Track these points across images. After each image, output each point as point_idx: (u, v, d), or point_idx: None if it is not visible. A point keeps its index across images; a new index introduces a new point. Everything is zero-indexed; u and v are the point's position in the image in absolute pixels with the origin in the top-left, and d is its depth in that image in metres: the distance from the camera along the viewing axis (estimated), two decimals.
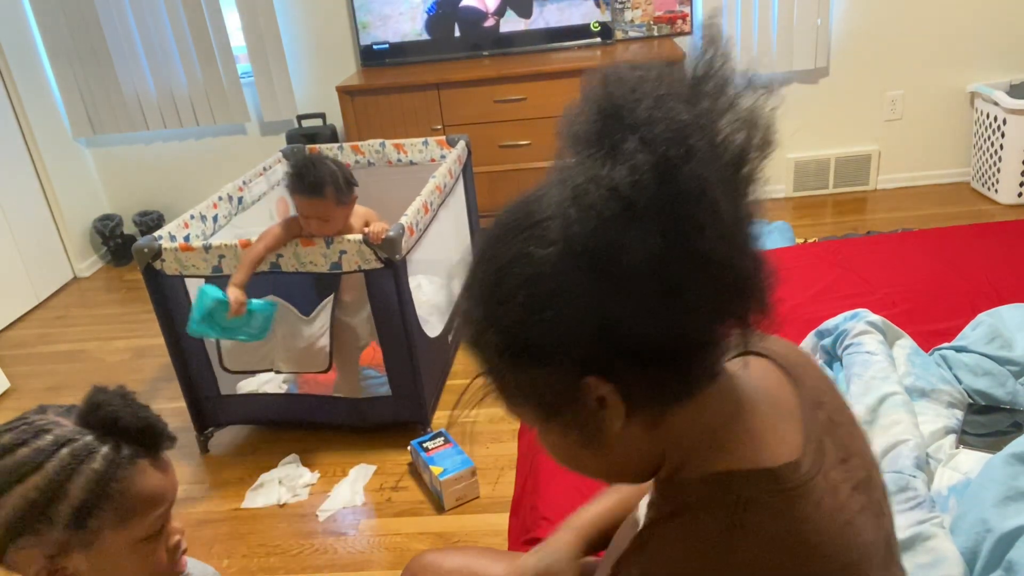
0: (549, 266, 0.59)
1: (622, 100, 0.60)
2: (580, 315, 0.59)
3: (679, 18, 3.62)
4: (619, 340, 0.60)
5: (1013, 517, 1.06)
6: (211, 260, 2.13)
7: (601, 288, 0.58)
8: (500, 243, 0.64)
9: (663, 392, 0.63)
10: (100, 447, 0.84)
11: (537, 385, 0.63)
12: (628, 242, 0.56)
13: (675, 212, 0.56)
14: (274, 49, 3.71)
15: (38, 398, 2.81)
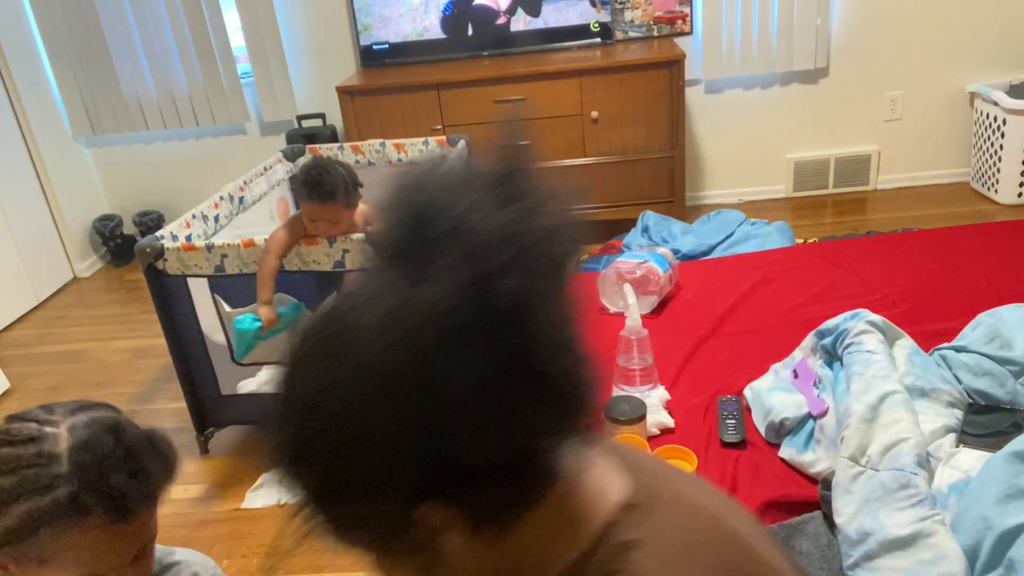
0: (364, 398, 0.53)
1: (433, 205, 0.55)
2: (403, 445, 0.53)
3: (679, 18, 3.62)
4: (450, 466, 0.54)
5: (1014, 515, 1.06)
6: (213, 259, 2.13)
7: (425, 417, 0.52)
8: (306, 370, 0.58)
9: (502, 508, 0.59)
10: (61, 485, 0.80)
11: (366, 518, 0.58)
12: (451, 369, 0.52)
13: (499, 332, 0.52)
14: (274, 49, 3.71)
15: (38, 398, 2.81)
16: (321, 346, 0.57)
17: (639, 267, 2.17)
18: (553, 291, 0.55)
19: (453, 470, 0.54)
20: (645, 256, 2.23)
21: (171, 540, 0.97)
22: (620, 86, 3.30)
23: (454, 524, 0.57)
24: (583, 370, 0.57)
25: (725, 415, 1.62)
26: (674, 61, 3.25)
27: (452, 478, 0.55)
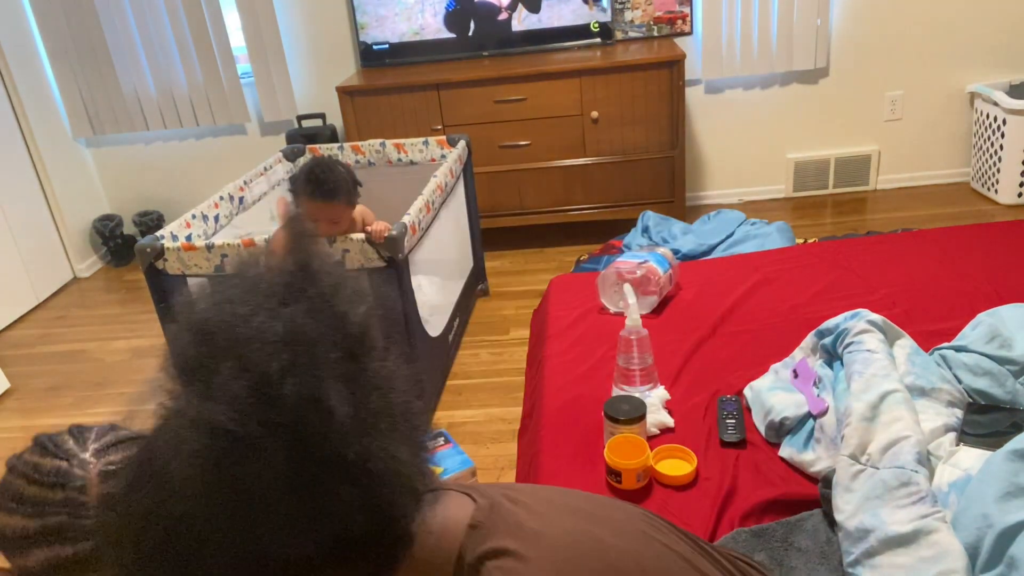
0: (185, 513, 0.54)
1: (216, 320, 0.57)
2: (235, 553, 0.54)
3: (679, 18, 3.62)
4: (291, 562, 0.55)
5: (1014, 512, 1.06)
6: (213, 259, 2.13)
7: (242, 523, 0.53)
8: (130, 503, 0.57)
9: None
10: (83, 539, 0.81)
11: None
12: (248, 474, 0.53)
13: (289, 430, 0.53)
14: (274, 49, 3.71)
15: (38, 398, 2.81)
16: (141, 473, 0.57)
17: (639, 267, 2.17)
18: (347, 376, 0.57)
19: (295, 566, 0.55)
20: (645, 256, 2.23)
21: None
22: (620, 86, 3.30)
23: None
24: (398, 437, 0.59)
25: (725, 415, 1.62)
26: (674, 61, 3.25)
27: (294, 571, 0.55)
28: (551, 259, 3.52)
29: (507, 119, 3.39)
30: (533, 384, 2.01)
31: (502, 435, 2.33)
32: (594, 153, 3.43)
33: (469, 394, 2.56)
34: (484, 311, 3.11)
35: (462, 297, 2.88)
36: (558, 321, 2.18)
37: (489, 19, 3.62)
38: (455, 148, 2.88)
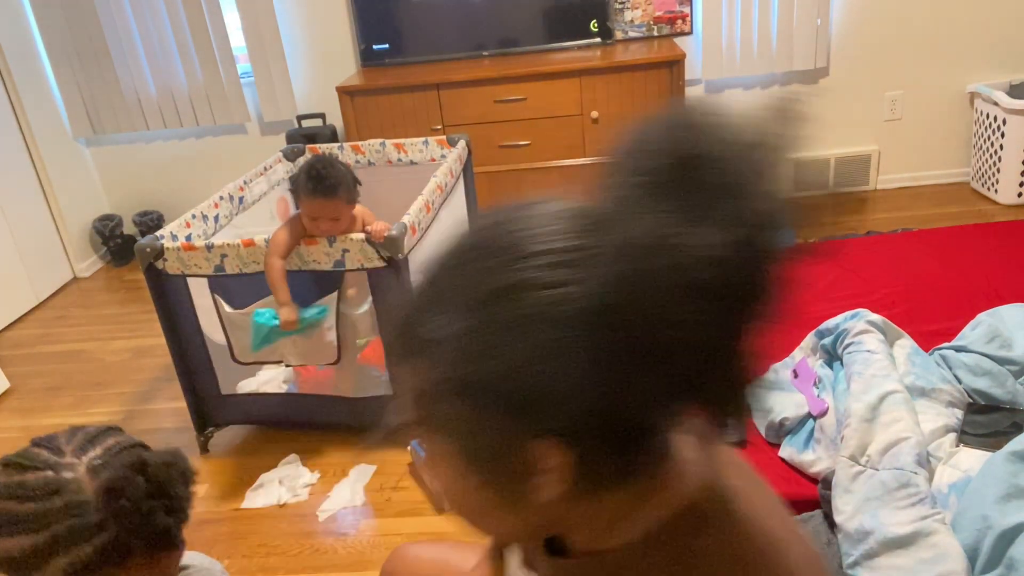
0: (567, 314, 0.51)
1: (707, 154, 0.52)
2: (576, 378, 0.51)
3: (679, 18, 3.62)
4: (607, 415, 0.53)
5: (1013, 514, 1.06)
6: (213, 259, 2.13)
7: (621, 359, 0.51)
8: (508, 259, 0.54)
9: (619, 473, 0.58)
10: (97, 534, 0.80)
11: (474, 427, 0.56)
12: (679, 322, 0.50)
13: (741, 304, 0.51)
14: (274, 49, 3.71)
15: (38, 398, 2.81)
16: (544, 237, 0.53)
17: None
18: (780, 279, 0.54)
19: (607, 421, 0.53)
20: None
21: None
22: (620, 86, 3.30)
23: (560, 475, 0.55)
24: (754, 368, 0.55)
25: None
26: (674, 61, 3.25)
27: (598, 428, 0.53)
28: None
29: (507, 119, 3.39)
30: None
31: None
32: (594, 153, 3.43)
33: None
34: None
35: None
36: None
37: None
38: (455, 148, 2.88)
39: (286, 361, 2.30)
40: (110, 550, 0.80)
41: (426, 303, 0.57)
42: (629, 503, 0.61)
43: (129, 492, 0.81)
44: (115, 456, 0.86)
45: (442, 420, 0.57)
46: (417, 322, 0.57)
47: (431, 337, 0.55)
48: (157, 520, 0.82)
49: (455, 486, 0.61)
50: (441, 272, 0.58)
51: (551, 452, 0.54)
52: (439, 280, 0.58)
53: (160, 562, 0.85)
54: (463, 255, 0.57)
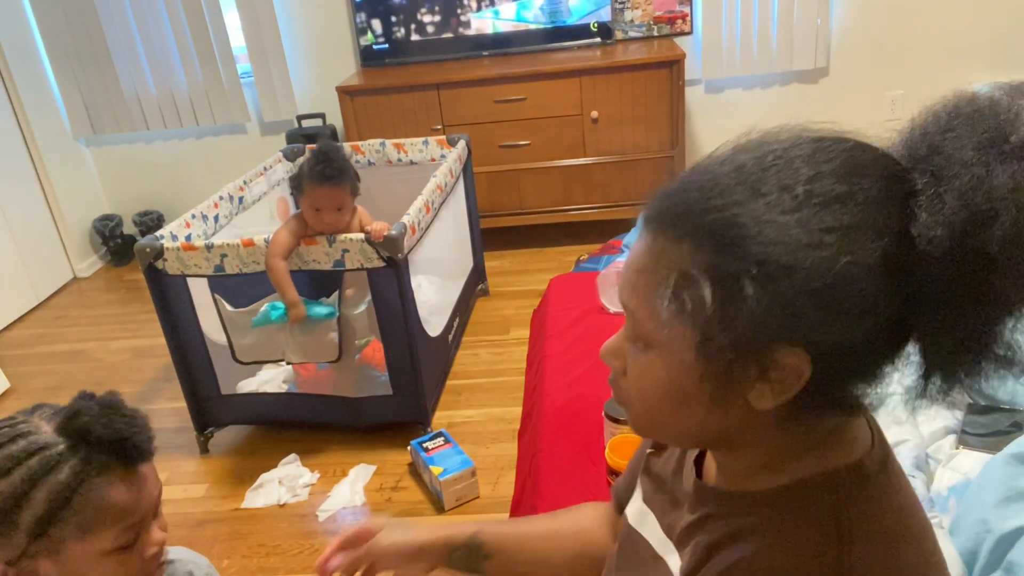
0: (889, 247, 0.55)
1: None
2: (868, 303, 0.55)
3: (679, 18, 3.62)
4: (864, 347, 0.57)
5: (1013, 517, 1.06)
6: (213, 259, 2.13)
7: (919, 303, 0.55)
8: (848, 170, 0.59)
9: (833, 406, 0.61)
10: (70, 457, 0.84)
11: (734, 317, 0.57)
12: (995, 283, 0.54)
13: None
14: (274, 49, 3.71)
15: (38, 398, 2.80)
16: (915, 162, 0.61)
17: None
18: None
19: (863, 349, 0.57)
20: None
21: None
22: (620, 86, 3.30)
23: (790, 384, 0.58)
24: None
25: None
26: (674, 61, 3.25)
27: (852, 354, 0.57)
28: (551, 259, 3.52)
29: (507, 119, 3.39)
30: (533, 384, 2.01)
31: (502, 435, 2.33)
32: (594, 153, 3.43)
33: (469, 394, 2.56)
34: (484, 311, 3.11)
35: (462, 297, 2.88)
36: (558, 321, 2.17)
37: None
38: (455, 148, 2.88)
39: (287, 359, 2.30)
40: (87, 468, 0.84)
41: (729, 186, 0.59)
42: (815, 440, 0.64)
43: (85, 410, 0.86)
44: (63, 405, 0.91)
45: (697, 303, 0.58)
46: (714, 203, 0.59)
47: (738, 219, 0.57)
48: (119, 428, 0.86)
49: (662, 372, 0.63)
50: (754, 164, 0.61)
51: (796, 362, 0.57)
52: (749, 169, 0.60)
53: (140, 479, 0.88)
54: (788, 151, 0.61)
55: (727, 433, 0.65)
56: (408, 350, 2.22)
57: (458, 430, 2.37)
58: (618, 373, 0.69)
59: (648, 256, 0.62)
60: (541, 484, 1.58)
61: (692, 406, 0.63)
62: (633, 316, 0.64)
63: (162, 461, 2.39)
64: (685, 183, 0.62)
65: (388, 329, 2.20)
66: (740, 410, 0.62)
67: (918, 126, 0.64)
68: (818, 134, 0.63)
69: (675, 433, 0.68)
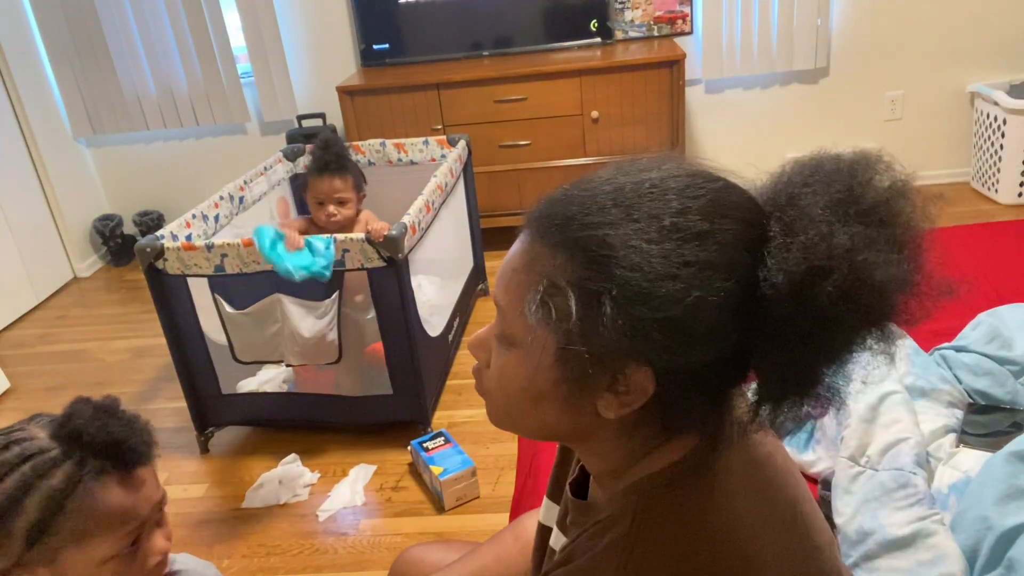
0: (738, 281, 0.59)
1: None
2: (717, 332, 0.59)
3: (679, 18, 3.62)
4: (710, 371, 0.61)
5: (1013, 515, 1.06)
6: (213, 259, 2.13)
7: (769, 331, 0.59)
8: (713, 209, 0.62)
9: (678, 422, 0.65)
10: (63, 462, 0.82)
11: (592, 332, 0.60)
12: (837, 315, 0.58)
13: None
14: (274, 49, 3.71)
15: (38, 398, 2.81)
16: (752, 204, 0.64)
17: None
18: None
19: (708, 372, 0.61)
20: None
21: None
22: (620, 86, 3.30)
23: (638, 399, 0.62)
24: None
25: None
26: (674, 61, 3.25)
27: (698, 377, 0.61)
28: None
29: (507, 119, 3.39)
30: None
31: (502, 435, 2.33)
32: (594, 153, 3.43)
33: (469, 394, 2.56)
34: (484, 311, 3.11)
35: (462, 297, 2.88)
36: None
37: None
38: (455, 148, 2.88)
39: (286, 361, 2.30)
40: (79, 471, 0.82)
41: (607, 205, 0.62)
42: (652, 447, 0.68)
43: (78, 414, 0.85)
44: (56, 414, 0.89)
45: (562, 312, 0.62)
46: (590, 219, 0.62)
47: (608, 240, 0.60)
48: (114, 431, 0.85)
49: (522, 371, 0.67)
50: (632, 188, 0.63)
51: (644, 381, 0.61)
52: (627, 193, 0.63)
53: (137, 482, 0.86)
54: (664, 182, 0.63)
55: (576, 432, 0.69)
56: (409, 350, 2.22)
57: (458, 430, 2.37)
58: (482, 365, 0.73)
59: (524, 258, 0.65)
60: (541, 484, 1.58)
61: (546, 405, 0.67)
62: (502, 313, 0.68)
63: (162, 461, 2.39)
64: (568, 195, 0.65)
65: (389, 329, 2.20)
66: (589, 414, 0.66)
67: (785, 174, 0.66)
68: (695, 168, 0.66)
69: (529, 427, 0.72)
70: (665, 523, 0.65)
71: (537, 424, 0.70)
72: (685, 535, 0.64)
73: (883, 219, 0.61)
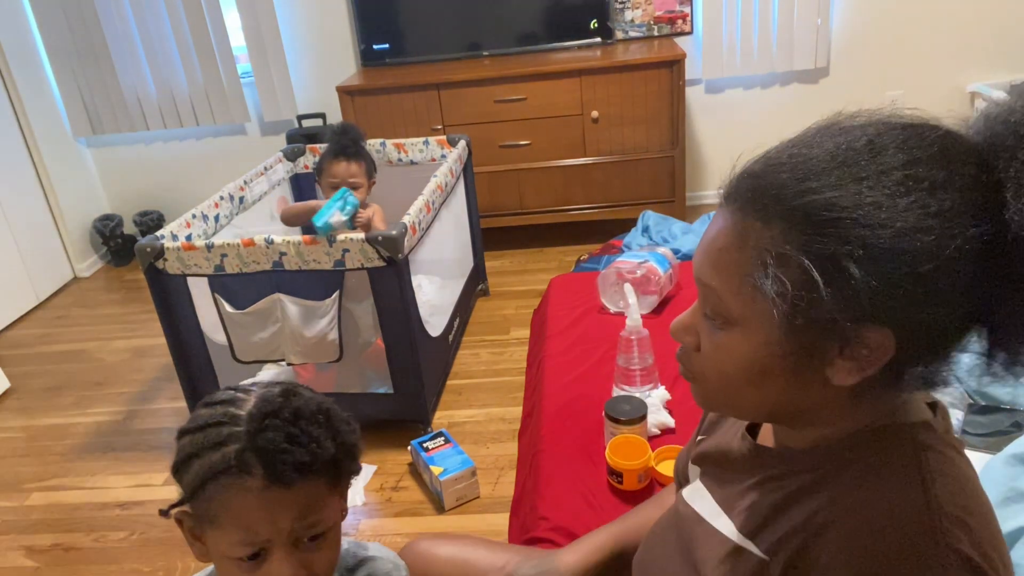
0: (986, 236, 0.57)
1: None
2: (962, 285, 0.57)
3: (679, 18, 3.62)
4: (951, 328, 0.60)
5: (1013, 518, 1.06)
6: (213, 259, 2.13)
7: (1006, 285, 0.58)
8: (933, 154, 0.61)
9: (907, 383, 0.63)
10: (230, 444, 0.79)
11: (822, 298, 0.58)
12: None
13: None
14: (274, 49, 3.71)
15: (38, 398, 2.81)
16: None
17: (639, 267, 2.17)
18: None
19: (949, 330, 0.59)
20: (645, 256, 2.23)
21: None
22: (620, 86, 3.30)
23: (872, 363, 0.60)
24: None
25: None
26: (674, 61, 3.25)
27: (936, 335, 0.59)
28: (551, 259, 3.52)
29: (507, 119, 3.39)
30: (533, 384, 2.02)
31: (502, 435, 2.33)
32: (594, 153, 3.43)
33: (469, 394, 2.56)
34: (484, 311, 3.11)
35: (462, 297, 2.88)
36: (558, 321, 2.18)
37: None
38: (455, 148, 2.88)
39: (287, 360, 2.30)
40: (232, 461, 0.78)
41: (825, 168, 0.60)
42: (883, 411, 0.67)
43: (277, 407, 0.80)
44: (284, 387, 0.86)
45: (796, 283, 0.59)
46: (809, 184, 0.60)
47: (837, 202, 0.58)
48: (272, 437, 0.78)
49: (744, 348, 0.65)
50: (846, 147, 0.61)
51: (882, 340, 0.59)
52: (843, 153, 0.61)
53: (275, 501, 0.78)
54: (880, 137, 0.62)
55: (799, 407, 0.67)
56: (409, 350, 2.22)
57: (458, 430, 2.36)
58: (690, 348, 0.70)
59: (733, 235, 0.63)
60: (541, 484, 1.58)
61: (770, 381, 0.65)
62: (715, 294, 0.65)
63: (162, 461, 2.39)
64: (772, 164, 0.64)
65: (389, 329, 2.20)
66: (817, 385, 0.64)
67: (1000, 114, 0.65)
68: (908, 120, 0.65)
69: (748, 407, 0.70)
70: (948, 460, 0.64)
71: (759, 401, 0.68)
72: (968, 474, 0.64)
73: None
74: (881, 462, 0.64)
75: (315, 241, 2.10)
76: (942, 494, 0.61)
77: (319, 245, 2.10)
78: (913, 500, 0.61)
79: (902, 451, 0.64)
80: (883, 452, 0.65)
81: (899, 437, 0.65)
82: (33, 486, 2.35)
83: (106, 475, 2.35)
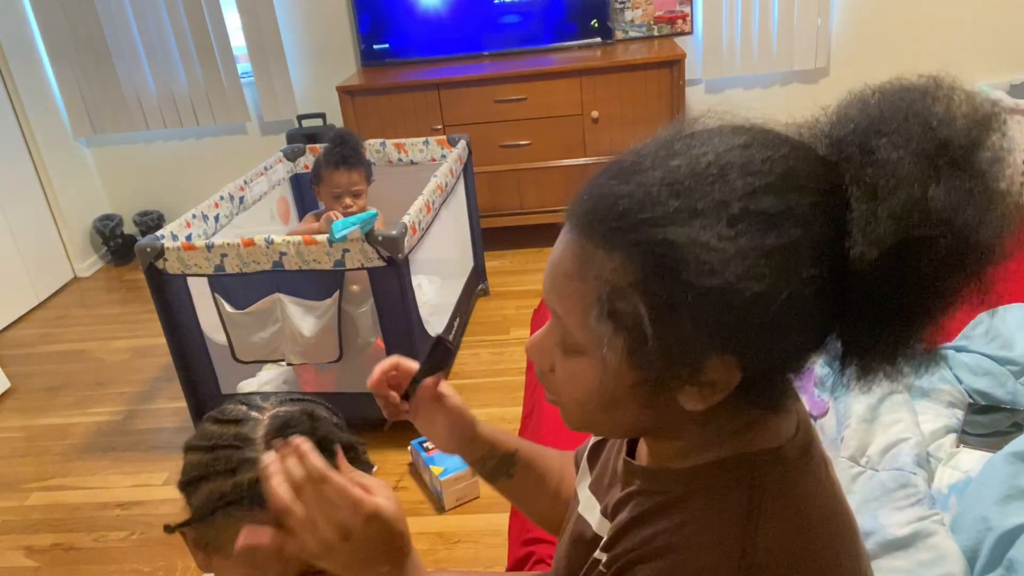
0: (824, 258, 0.55)
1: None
2: (805, 316, 0.55)
3: (679, 18, 3.62)
4: (795, 354, 0.59)
5: (1014, 515, 1.06)
6: (213, 259, 2.13)
7: (855, 311, 0.57)
8: (781, 184, 0.56)
9: (756, 404, 0.62)
10: (244, 473, 0.74)
11: (666, 330, 0.56)
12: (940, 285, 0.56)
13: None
14: (274, 49, 3.71)
15: (38, 398, 2.81)
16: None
17: None
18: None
19: (793, 356, 0.59)
20: None
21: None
22: (620, 86, 3.30)
23: (721, 389, 0.59)
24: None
25: None
26: (674, 61, 3.25)
27: (781, 362, 0.59)
28: None
29: (507, 119, 3.39)
30: (533, 384, 2.01)
31: None
32: (594, 153, 3.43)
33: (469, 394, 2.56)
34: (484, 311, 3.11)
35: (462, 297, 2.88)
36: None
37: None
38: (455, 148, 2.88)
39: (287, 360, 2.30)
40: (244, 492, 0.74)
41: (663, 198, 0.56)
42: (740, 425, 0.65)
43: (287, 430, 0.76)
44: (302, 410, 0.81)
45: (631, 318, 0.57)
46: (646, 215, 0.56)
47: (673, 240, 0.55)
48: None
49: (592, 377, 0.63)
50: (687, 171, 0.57)
51: (727, 370, 0.58)
52: (682, 178, 0.56)
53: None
54: (721, 158, 0.57)
55: (657, 426, 0.67)
56: (409, 350, 2.22)
57: None
58: (545, 369, 0.69)
59: (576, 262, 0.61)
60: None
61: (622, 407, 0.64)
62: (561, 323, 0.63)
63: (162, 461, 2.39)
64: (615, 185, 0.60)
65: (389, 329, 2.20)
66: (670, 408, 0.62)
67: (850, 117, 0.63)
68: (748, 135, 0.60)
69: (607, 428, 0.70)
70: (789, 503, 0.62)
71: (614, 424, 0.67)
72: (807, 517, 0.62)
73: (974, 164, 0.56)
74: (712, 502, 0.63)
75: (314, 241, 2.10)
76: (763, 544, 0.60)
77: (319, 245, 2.10)
78: (727, 557, 0.60)
79: (736, 489, 0.63)
80: (718, 489, 0.64)
81: (738, 471, 0.64)
82: (33, 486, 2.35)
83: (106, 475, 2.35)
